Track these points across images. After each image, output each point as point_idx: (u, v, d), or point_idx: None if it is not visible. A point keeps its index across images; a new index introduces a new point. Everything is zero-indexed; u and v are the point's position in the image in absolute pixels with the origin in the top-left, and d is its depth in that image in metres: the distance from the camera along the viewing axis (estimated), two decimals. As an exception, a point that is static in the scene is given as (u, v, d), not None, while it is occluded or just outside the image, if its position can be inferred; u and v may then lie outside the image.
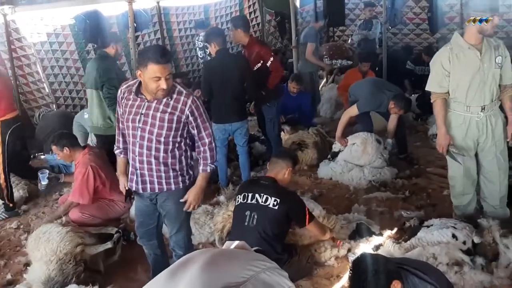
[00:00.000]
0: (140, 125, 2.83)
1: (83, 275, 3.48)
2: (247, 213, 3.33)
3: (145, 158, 2.88)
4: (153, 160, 2.88)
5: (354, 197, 4.85)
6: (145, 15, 7.99)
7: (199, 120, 2.89)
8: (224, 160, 5.04)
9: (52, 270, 3.39)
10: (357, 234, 3.89)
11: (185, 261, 1.38)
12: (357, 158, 5.26)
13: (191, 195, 2.97)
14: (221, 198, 4.62)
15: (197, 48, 7.36)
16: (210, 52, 5.19)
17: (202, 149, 2.98)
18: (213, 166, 3.02)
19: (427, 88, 3.75)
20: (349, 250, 3.72)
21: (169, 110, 2.81)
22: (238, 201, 3.46)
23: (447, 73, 3.58)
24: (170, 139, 2.86)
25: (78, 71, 7.60)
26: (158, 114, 2.81)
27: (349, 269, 2.41)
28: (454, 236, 3.41)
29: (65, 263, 3.44)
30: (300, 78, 6.62)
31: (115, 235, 3.89)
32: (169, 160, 2.90)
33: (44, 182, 4.76)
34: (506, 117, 3.71)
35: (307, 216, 3.41)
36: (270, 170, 3.55)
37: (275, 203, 3.28)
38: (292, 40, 7.00)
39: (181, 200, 2.98)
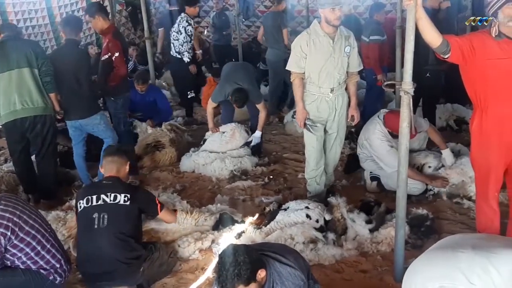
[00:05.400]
0: None
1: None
2: (95, 215, 3.14)
3: None
4: None
5: (217, 188, 4.88)
6: (-27, 4, 7.02)
7: None
8: (81, 159, 4.79)
9: None
10: (220, 224, 3.92)
11: None
12: (225, 142, 5.38)
13: None
14: (74, 202, 4.26)
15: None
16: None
17: None
18: None
19: (287, 68, 4.07)
20: (213, 241, 3.72)
21: None
22: (81, 206, 3.22)
23: (304, 55, 3.91)
24: None
25: None
26: None
27: (215, 266, 2.39)
28: (308, 216, 3.65)
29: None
30: (144, 78, 6.26)
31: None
32: None
33: None
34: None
35: (158, 205, 3.43)
36: (109, 170, 3.35)
37: (125, 198, 3.19)
38: (144, 30, 6.75)
39: None
